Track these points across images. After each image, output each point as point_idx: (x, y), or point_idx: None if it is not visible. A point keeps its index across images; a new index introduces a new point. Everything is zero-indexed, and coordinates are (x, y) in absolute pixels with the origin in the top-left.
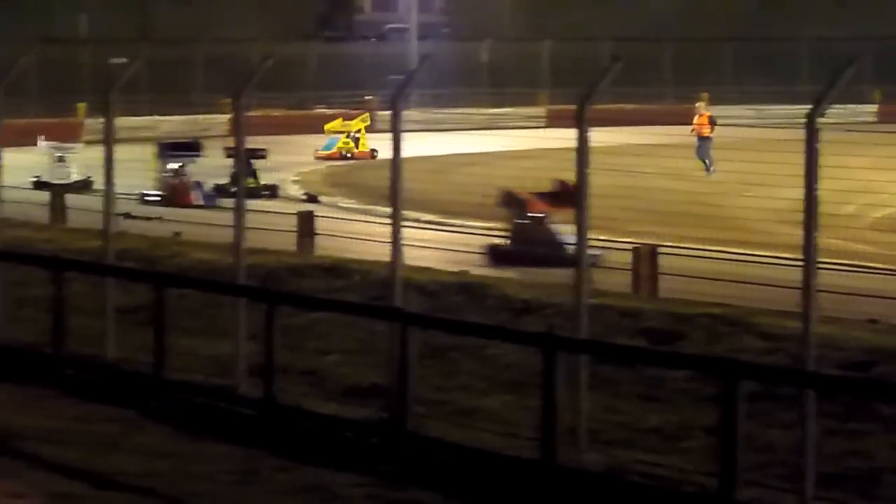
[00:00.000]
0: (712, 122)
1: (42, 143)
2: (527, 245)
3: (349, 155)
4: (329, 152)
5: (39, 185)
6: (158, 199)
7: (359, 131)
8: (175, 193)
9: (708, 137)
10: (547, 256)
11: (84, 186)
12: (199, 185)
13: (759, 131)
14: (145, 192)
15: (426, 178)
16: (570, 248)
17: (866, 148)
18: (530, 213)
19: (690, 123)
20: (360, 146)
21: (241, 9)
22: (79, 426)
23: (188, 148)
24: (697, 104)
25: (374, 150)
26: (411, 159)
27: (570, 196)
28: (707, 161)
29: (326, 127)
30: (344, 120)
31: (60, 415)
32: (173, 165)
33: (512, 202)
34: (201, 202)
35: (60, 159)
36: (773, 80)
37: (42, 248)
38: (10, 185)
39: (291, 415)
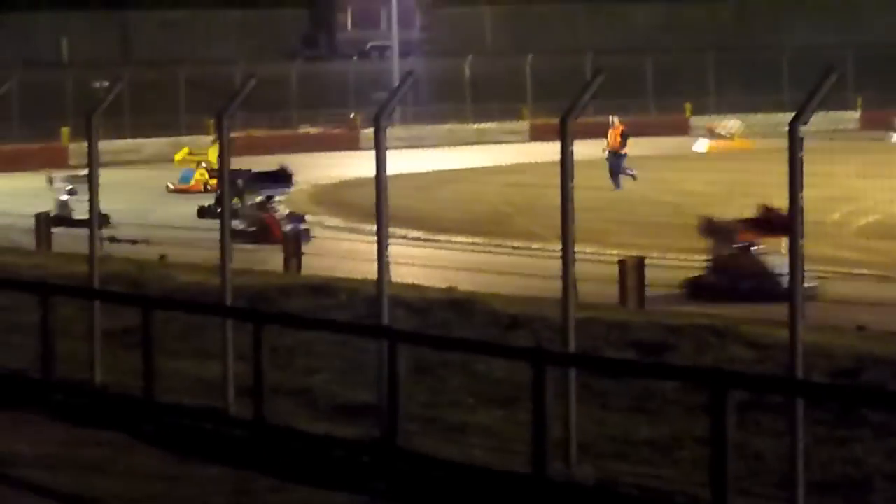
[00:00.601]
0: (625, 136)
1: (55, 175)
2: (733, 277)
3: (209, 187)
4: (188, 185)
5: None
6: (246, 234)
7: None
8: (265, 229)
9: (621, 154)
10: (757, 290)
11: (103, 222)
12: (294, 219)
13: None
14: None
15: (412, 195)
16: (786, 281)
17: (850, 155)
18: (736, 242)
19: (675, 134)
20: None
21: (223, 29)
22: (68, 451)
23: (276, 178)
24: (611, 117)
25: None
26: (396, 176)
27: (780, 223)
28: (618, 179)
29: (176, 157)
30: (191, 151)
31: (50, 440)
32: (259, 197)
33: (715, 231)
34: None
35: (71, 192)
36: (755, 89)
37: (29, 274)
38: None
39: (282, 435)
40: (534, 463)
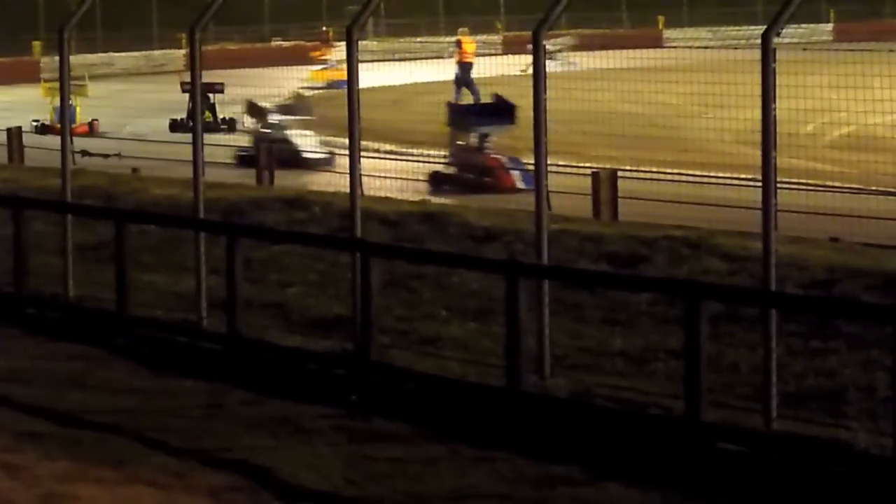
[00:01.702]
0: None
1: (263, 104)
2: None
3: (94, 128)
4: (73, 126)
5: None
6: (464, 182)
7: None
8: (485, 174)
9: (470, 64)
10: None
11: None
12: (517, 162)
13: (715, 52)
14: (441, 171)
15: (386, 108)
16: None
17: (824, 66)
18: None
19: (649, 47)
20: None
21: None
22: (42, 364)
23: (495, 112)
24: (460, 30)
25: (93, 121)
26: (369, 90)
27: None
28: (472, 90)
29: (44, 89)
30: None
31: (23, 354)
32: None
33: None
34: (523, 185)
35: (281, 126)
36: (728, 1)
37: (1, 188)
38: None
39: (256, 348)
40: (507, 375)
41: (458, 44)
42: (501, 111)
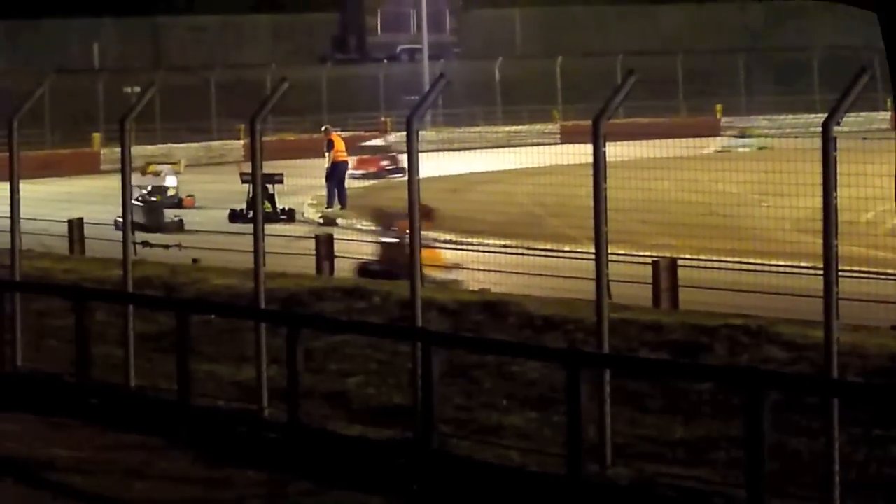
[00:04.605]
0: (330, 146)
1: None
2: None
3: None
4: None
5: None
6: None
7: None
8: None
9: (345, 162)
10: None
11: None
12: None
13: (774, 141)
14: None
15: (444, 198)
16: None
17: (883, 155)
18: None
19: (707, 135)
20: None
21: (254, 34)
22: (104, 455)
23: None
24: (324, 128)
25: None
26: (428, 179)
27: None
28: (334, 193)
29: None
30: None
31: (86, 444)
32: None
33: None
34: None
35: None
36: (785, 89)
37: (63, 279)
38: None
39: (317, 438)
40: (568, 464)
41: (330, 143)
42: None
